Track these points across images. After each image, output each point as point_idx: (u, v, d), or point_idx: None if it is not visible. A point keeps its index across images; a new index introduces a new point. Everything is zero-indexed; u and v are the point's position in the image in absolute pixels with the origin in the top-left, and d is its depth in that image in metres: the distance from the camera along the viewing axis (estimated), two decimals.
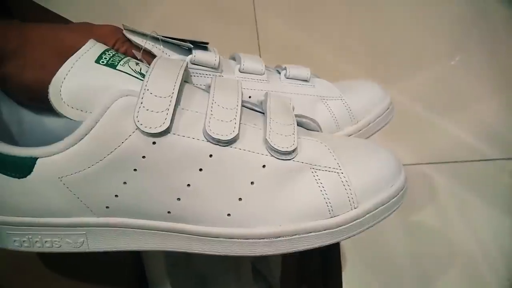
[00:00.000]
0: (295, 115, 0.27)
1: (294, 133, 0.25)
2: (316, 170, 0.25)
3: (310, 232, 0.24)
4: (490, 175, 0.49)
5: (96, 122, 0.23)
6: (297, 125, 0.26)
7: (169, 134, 0.23)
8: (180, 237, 0.25)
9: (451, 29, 0.65)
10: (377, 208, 0.25)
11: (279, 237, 0.24)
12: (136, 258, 0.35)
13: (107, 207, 0.24)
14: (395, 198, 0.26)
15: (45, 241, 0.25)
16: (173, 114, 0.23)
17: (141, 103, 0.23)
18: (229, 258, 0.39)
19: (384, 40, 0.65)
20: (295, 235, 0.24)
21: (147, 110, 0.22)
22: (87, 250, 0.26)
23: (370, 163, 0.26)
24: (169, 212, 0.24)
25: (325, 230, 0.24)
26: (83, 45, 0.25)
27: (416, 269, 0.42)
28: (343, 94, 0.34)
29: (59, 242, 0.25)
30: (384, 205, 0.25)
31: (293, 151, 0.24)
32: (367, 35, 0.65)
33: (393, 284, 0.42)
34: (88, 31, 0.28)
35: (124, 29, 0.29)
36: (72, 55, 0.24)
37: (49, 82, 0.23)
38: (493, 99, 0.56)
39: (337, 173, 0.25)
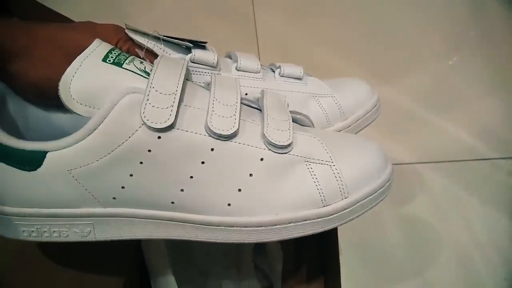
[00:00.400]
0: (289, 111, 0.29)
1: (290, 128, 0.27)
2: (310, 163, 0.26)
3: (305, 220, 0.26)
4: (487, 174, 0.49)
5: (104, 118, 0.24)
6: (292, 121, 0.28)
7: (173, 129, 0.24)
8: (183, 226, 0.26)
9: (449, 29, 0.65)
10: (365, 198, 0.27)
11: (276, 225, 0.26)
12: (137, 252, 0.36)
13: (114, 198, 0.26)
14: (382, 189, 0.28)
15: (53, 231, 0.27)
16: (177, 110, 0.24)
17: (147, 100, 0.24)
18: (230, 254, 0.41)
19: (382, 40, 0.65)
20: (291, 223, 0.26)
21: (153, 106, 0.24)
22: (93, 240, 0.27)
23: (360, 156, 0.28)
24: (172, 202, 0.26)
25: (318, 218, 0.26)
26: (88, 44, 0.26)
27: (412, 268, 0.42)
28: (334, 92, 0.36)
29: (66, 232, 0.27)
30: (372, 195, 0.27)
31: (289, 145, 0.26)
32: (365, 34, 0.66)
33: (391, 284, 0.43)
34: (92, 30, 0.29)
35: (126, 28, 0.31)
36: (79, 54, 0.25)
37: (55, 80, 0.24)
38: (490, 99, 0.57)
39: (329, 165, 0.27)
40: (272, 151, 0.26)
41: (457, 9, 0.67)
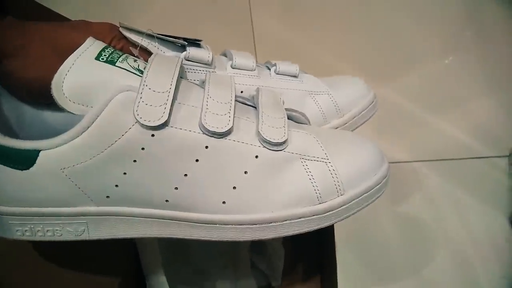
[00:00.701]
0: (285, 109, 0.29)
1: (285, 126, 0.26)
2: (305, 160, 0.26)
3: (300, 218, 0.26)
4: (483, 173, 0.49)
5: (98, 116, 0.24)
6: (287, 118, 0.28)
7: (167, 127, 0.24)
8: (178, 224, 0.26)
9: (445, 28, 0.65)
10: (362, 195, 0.27)
11: (271, 222, 0.26)
12: (134, 251, 0.36)
13: (107, 196, 0.25)
14: (378, 186, 0.27)
15: (47, 230, 0.27)
16: (171, 108, 0.24)
17: (141, 98, 0.24)
18: (227, 253, 0.41)
19: (378, 39, 0.64)
20: (286, 220, 0.26)
21: (146, 104, 0.24)
22: (87, 238, 0.27)
23: (356, 153, 0.28)
24: (167, 200, 0.25)
25: (313, 215, 0.26)
26: (82, 43, 0.26)
27: (409, 266, 0.42)
28: (330, 89, 0.36)
29: (60, 231, 0.27)
30: (368, 192, 0.27)
31: (284, 142, 0.26)
32: (361, 34, 0.66)
33: (387, 281, 0.43)
34: (86, 29, 0.29)
35: (121, 26, 0.30)
36: (73, 52, 0.25)
37: (49, 79, 0.24)
38: (486, 98, 0.57)
39: (325, 162, 0.26)
40: (267, 148, 0.26)
41: (453, 9, 0.67)
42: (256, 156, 0.26)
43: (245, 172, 0.25)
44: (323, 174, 0.26)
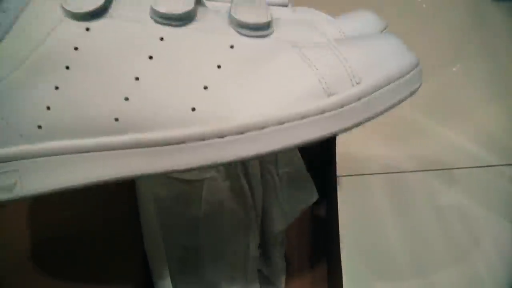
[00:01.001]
0: None
1: (266, 8, 0.20)
2: (300, 48, 0.19)
3: (303, 118, 0.18)
4: (490, 181, 0.48)
5: (17, 18, 0.18)
6: None
7: (106, 17, 0.18)
8: (139, 153, 0.19)
9: (451, 36, 0.64)
10: (385, 86, 0.19)
11: (264, 127, 0.18)
12: (142, 264, 0.30)
13: (39, 126, 0.19)
14: (407, 76, 0.20)
15: None
16: None
17: None
18: (236, 264, 0.34)
19: None
20: (285, 122, 0.18)
21: None
22: (21, 195, 0.20)
23: (370, 40, 0.21)
24: (117, 119, 0.19)
25: (322, 113, 0.18)
26: None
27: (416, 274, 0.40)
28: (334, 19, 0.30)
29: None
30: (393, 83, 0.19)
31: (268, 25, 0.19)
32: None
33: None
34: None
35: None
36: None
37: None
38: (493, 106, 0.55)
39: (329, 48, 0.19)
40: (245, 35, 0.19)
41: (459, 16, 0.67)
42: (232, 46, 0.19)
43: (218, 67, 0.18)
44: (328, 59, 0.19)
